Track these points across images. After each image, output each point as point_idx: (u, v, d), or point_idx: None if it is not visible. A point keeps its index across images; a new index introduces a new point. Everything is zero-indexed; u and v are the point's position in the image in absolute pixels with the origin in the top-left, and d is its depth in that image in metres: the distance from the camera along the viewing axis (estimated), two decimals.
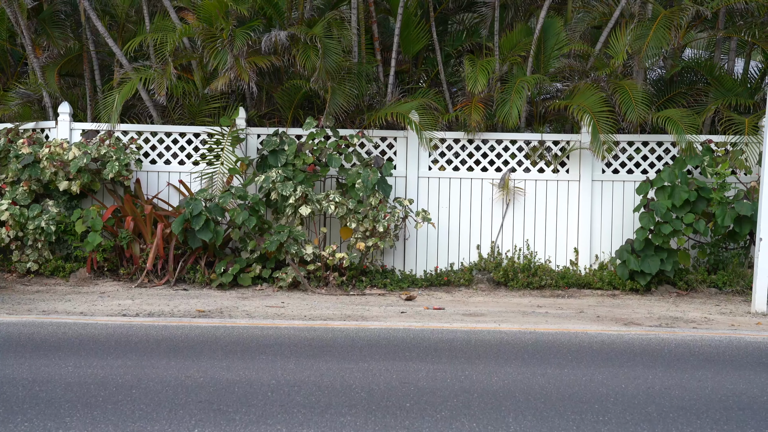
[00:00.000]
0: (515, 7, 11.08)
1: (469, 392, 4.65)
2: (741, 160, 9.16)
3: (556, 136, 9.60)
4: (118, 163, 9.01)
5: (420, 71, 11.09)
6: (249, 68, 9.06)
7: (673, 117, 9.19)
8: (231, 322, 6.73)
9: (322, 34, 9.05)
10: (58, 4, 10.54)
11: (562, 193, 9.49)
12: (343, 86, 9.40)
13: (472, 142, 9.56)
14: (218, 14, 9.11)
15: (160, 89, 9.25)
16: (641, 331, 6.64)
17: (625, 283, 9.04)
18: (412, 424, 4.09)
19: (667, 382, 4.98)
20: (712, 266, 9.33)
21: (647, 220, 8.82)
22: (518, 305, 8.32)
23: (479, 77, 9.27)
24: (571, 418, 4.22)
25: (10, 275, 9.26)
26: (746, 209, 8.61)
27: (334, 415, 4.21)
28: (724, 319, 7.60)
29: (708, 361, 5.58)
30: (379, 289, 9.08)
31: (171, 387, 4.66)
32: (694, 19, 9.79)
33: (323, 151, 9.08)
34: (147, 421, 4.05)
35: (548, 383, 4.88)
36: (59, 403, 4.33)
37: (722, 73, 10.23)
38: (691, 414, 4.33)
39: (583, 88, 9.44)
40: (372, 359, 5.43)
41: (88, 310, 7.50)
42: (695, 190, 8.86)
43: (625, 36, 9.52)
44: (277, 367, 5.15)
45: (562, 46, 10.00)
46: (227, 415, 4.16)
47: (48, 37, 10.32)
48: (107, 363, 5.20)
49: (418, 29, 10.34)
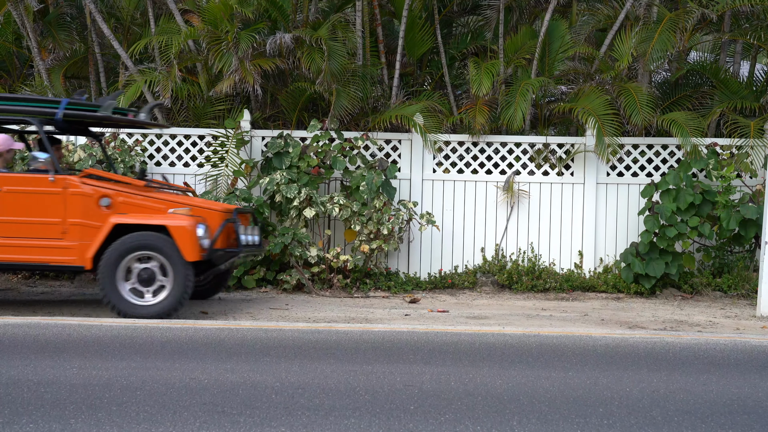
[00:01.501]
0: (520, 10, 11.08)
1: (474, 395, 4.64)
2: (746, 164, 9.14)
3: (560, 139, 9.59)
4: (123, 165, 9.04)
5: (424, 74, 11.09)
6: (254, 71, 9.08)
7: (678, 120, 9.17)
8: (235, 324, 6.74)
9: (326, 36, 9.07)
10: (64, 7, 10.58)
11: (567, 196, 9.48)
12: (348, 89, 9.41)
13: (476, 144, 9.56)
14: (223, 17, 9.13)
15: (165, 91, 9.27)
16: (646, 335, 6.63)
17: (630, 287, 9.03)
18: (416, 426, 4.09)
19: (671, 385, 4.96)
20: (717, 269, 9.31)
21: (652, 223, 8.81)
22: (522, 308, 8.31)
23: (484, 80, 9.27)
24: (576, 421, 4.22)
25: (14, 276, 9.28)
26: (751, 212, 8.59)
27: (338, 417, 4.21)
28: (729, 322, 7.58)
29: (713, 365, 5.56)
30: (383, 292, 9.08)
31: (175, 389, 4.67)
32: (700, 21, 9.78)
33: (327, 153, 9.09)
34: (151, 423, 4.06)
35: (552, 386, 4.87)
36: (64, 404, 4.34)
37: (727, 76, 10.21)
38: (695, 418, 4.32)
39: (587, 91, 9.44)
40: (376, 362, 5.42)
41: (93, 311, 7.52)
42: (700, 193, 8.84)
43: (630, 39, 9.51)
44: (281, 370, 5.15)
45: (566, 49, 10.00)
46: (231, 417, 4.17)
47: (54, 39, 10.36)
48: (112, 365, 5.21)
49: (423, 32, 10.34)
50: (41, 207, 7.07)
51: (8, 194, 7.09)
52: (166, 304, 6.93)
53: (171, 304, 6.94)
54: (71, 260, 7.06)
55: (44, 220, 7.07)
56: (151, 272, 6.98)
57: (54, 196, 7.06)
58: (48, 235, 7.06)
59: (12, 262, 7.16)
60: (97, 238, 6.98)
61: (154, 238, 6.94)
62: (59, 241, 7.05)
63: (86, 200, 7.06)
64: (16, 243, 7.07)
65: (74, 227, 7.04)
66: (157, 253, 6.92)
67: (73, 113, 7.29)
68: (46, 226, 7.07)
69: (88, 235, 7.02)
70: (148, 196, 7.25)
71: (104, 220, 7.00)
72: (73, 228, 7.04)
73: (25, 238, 7.07)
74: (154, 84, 9.44)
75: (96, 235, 6.99)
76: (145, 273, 6.97)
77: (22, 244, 7.07)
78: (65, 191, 7.06)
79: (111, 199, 7.08)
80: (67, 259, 7.06)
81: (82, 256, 7.02)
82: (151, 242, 6.93)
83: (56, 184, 7.06)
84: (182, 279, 6.92)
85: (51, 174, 7.07)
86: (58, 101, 7.35)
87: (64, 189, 7.06)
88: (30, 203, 7.08)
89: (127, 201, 7.12)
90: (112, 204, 7.08)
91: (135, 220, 7.02)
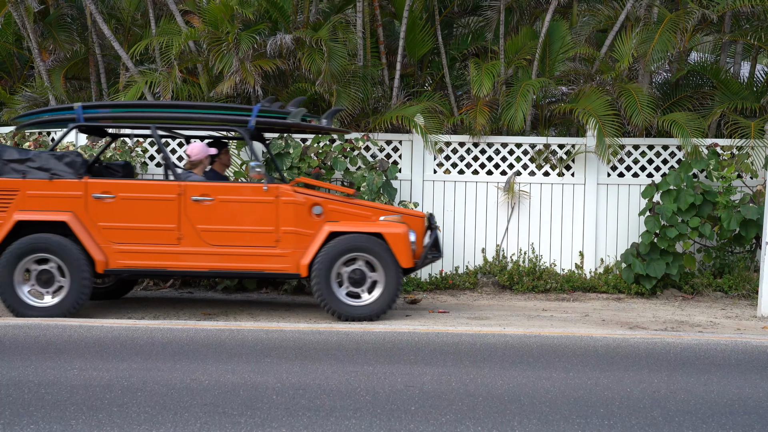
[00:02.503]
0: (520, 11, 11.08)
1: (474, 396, 4.64)
2: (747, 164, 9.14)
3: (561, 140, 9.59)
4: None
5: (425, 75, 11.09)
6: (254, 71, 9.08)
7: (679, 120, 9.17)
8: (236, 325, 6.74)
9: (327, 37, 9.07)
10: (65, 8, 10.57)
11: (567, 197, 9.48)
12: (348, 89, 9.41)
13: (477, 145, 9.56)
14: (224, 18, 9.13)
15: (165, 92, 9.27)
16: (646, 335, 6.62)
17: (631, 287, 9.03)
18: (417, 427, 4.09)
19: (672, 386, 4.96)
20: (717, 270, 9.31)
21: (653, 224, 8.81)
22: (523, 309, 8.31)
23: (484, 81, 9.27)
24: (577, 422, 4.22)
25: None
26: (752, 213, 8.59)
27: (339, 418, 4.21)
28: (730, 323, 7.58)
29: (713, 365, 5.56)
30: None
31: (176, 390, 4.67)
32: (700, 22, 9.78)
33: (328, 154, 9.10)
34: (152, 424, 4.06)
35: (553, 387, 4.87)
36: (65, 405, 4.34)
37: (728, 76, 10.21)
38: (696, 418, 4.32)
39: (588, 91, 9.44)
40: (377, 362, 5.43)
41: (93, 313, 7.52)
42: (701, 193, 8.84)
43: (631, 39, 9.51)
44: (282, 370, 5.15)
45: (567, 50, 10.00)
46: (232, 418, 4.17)
47: (54, 40, 10.35)
48: (112, 366, 5.21)
49: (423, 33, 10.34)
50: (255, 216, 7.21)
51: (222, 203, 7.21)
52: (376, 306, 7.18)
53: (381, 305, 7.18)
54: (286, 268, 7.20)
55: (258, 228, 7.20)
56: (361, 273, 7.20)
57: (267, 205, 7.19)
58: (261, 243, 7.19)
59: (227, 270, 7.29)
60: (312, 245, 7.14)
61: (367, 241, 7.14)
62: (272, 249, 7.19)
63: (299, 209, 7.21)
64: (231, 252, 7.19)
65: (287, 235, 7.19)
66: (370, 255, 7.14)
67: (264, 120, 7.45)
68: (259, 234, 7.20)
69: (301, 243, 7.18)
70: (354, 203, 7.42)
71: (317, 228, 7.19)
72: (286, 236, 7.19)
73: (239, 247, 7.19)
74: (155, 85, 9.44)
75: (310, 243, 7.15)
76: (355, 275, 7.20)
77: (237, 253, 7.18)
78: (278, 200, 7.19)
79: (322, 207, 7.24)
80: (281, 267, 7.20)
81: (296, 264, 7.17)
82: (363, 245, 7.14)
83: (269, 193, 7.19)
84: (394, 283, 7.17)
85: (265, 183, 7.19)
86: (250, 109, 7.48)
87: (276, 198, 7.19)
88: (244, 212, 7.21)
89: (336, 209, 7.29)
90: (323, 212, 7.23)
91: (351, 228, 7.20)
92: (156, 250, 7.17)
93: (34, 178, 7.19)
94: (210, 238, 7.18)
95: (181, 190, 7.20)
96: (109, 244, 7.16)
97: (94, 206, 7.17)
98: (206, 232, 7.18)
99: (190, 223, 7.17)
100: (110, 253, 7.15)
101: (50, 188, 7.18)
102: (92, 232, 7.14)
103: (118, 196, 7.18)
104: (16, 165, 7.23)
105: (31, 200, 7.16)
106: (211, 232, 7.18)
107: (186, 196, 7.19)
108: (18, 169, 7.22)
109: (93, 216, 7.16)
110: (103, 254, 7.14)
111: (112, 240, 7.16)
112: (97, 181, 7.27)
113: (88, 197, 7.18)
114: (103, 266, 7.13)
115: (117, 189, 7.22)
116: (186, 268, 7.23)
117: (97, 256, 7.09)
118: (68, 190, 7.18)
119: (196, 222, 7.17)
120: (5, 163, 7.24)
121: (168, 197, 7.19)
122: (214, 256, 7.17)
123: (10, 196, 7.17)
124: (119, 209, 7.18)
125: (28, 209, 7.14)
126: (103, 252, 7.14)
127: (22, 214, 7.10)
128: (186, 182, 7.27)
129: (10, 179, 7.20)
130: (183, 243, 7.17)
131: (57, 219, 7.09)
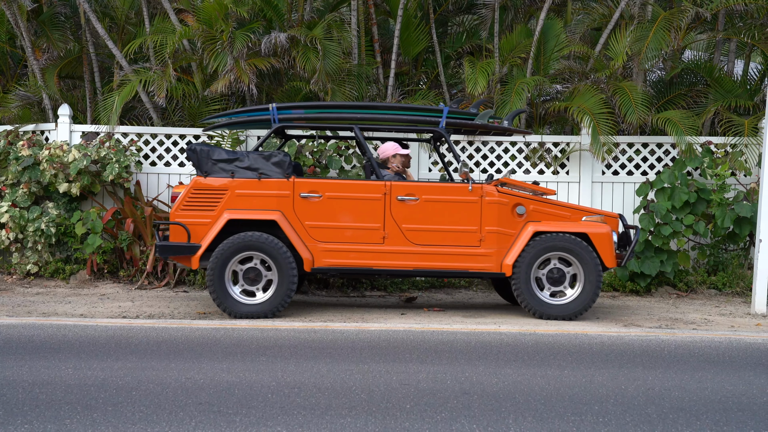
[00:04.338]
0: (515, 9, 11.09)
1: (469, 394, 4.65)
2: (741, 162, 9.17)
3: (556, 138, 9.61)
4: (118, 165, 9.02)
5: (420, 73, 11.10)
6: (249, 70, 9.07)
7: (673, 118, 9.19)
8: (231, 324, 6.73)
9: (322, 36, 9.06)
10: (58, 6, 10.54)
11: (562, 195, 9.49)
12: (343, 88, 9.41)
13: (472, 143, 9.56)
14: (218, 16, 9.12)
15: (159, 91, 9.25)
16: (641, 333, 6.64)
17: (625, 285, 9.04)
18: (412, 425, 4.09)
19: (666, 383, 4.98)
20: (711, 268, 9.34)
21: (647, 222, 8.83)
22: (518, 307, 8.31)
23: (479, 79, 9.28)
24: (571, 419, 4.23)
25: (10, 277, 9.26)
26: (746, 211, 8.62)
27: (334, 416, 4.21)
28: (724, 320, 7.60)
29: (708, 363, 5.58)
30: (380, 291, 9.08)
31: (171, 389, 4.66)
32: (694, 20, 9.81)
33: (323, 152, 9.09)
34: (147, 423, 4.05)
35: (548, 384, 4.88)
36: (59, 405, 4.33)
37: (722, 74, 10.24)
38: (690, 415, 4.33)
39: (582, 89, 9.45)
40: (372, 361, 5.43)
41: (88, 312, 7.51)
42: (695, 191, 8.87)
43: (625, 38, 9.53)
44: (277, 369, 5.15)
45: (561, 48, 10.02)
46: (227, 417, 4.17)
47: (48, 39, 10.32)
48: (107, 365, 5.20)
49: (418, 31, 10.35)
50: (459, 215, 7.24)
51: (427, 203, 7.25)
52: (575, 305, 7.23)
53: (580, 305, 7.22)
54: (489, 267, 7.24)
55: (462, 228, 7.24)
56: (560, 272, 7.26)
57: (472, 205, 7.23)
58: (465, 243, 7.23)
59: (433, 269, 7.31)
60: (516, 245, 7.20)
61: (569, 241, 7.18)
62: (476, 248, 7.23)
63: (502, 209, 7.25)
64: (434, 251, 7.23)
65: (490, 235, 7.23)
66: (571, 255, 7.18)
67: (453, 121, 7.48)
68: (463, 234, 7.23)
69: (504, 243, 7.23)
70: (553, 203, 7.43)
71: (519, 228, 7.24)
72: (489, 236, 7.23)
73: (443, 246, 7.23)
74: (149, 83, 9.42)
75: (514, 243, 7.22)
76: (553, 274, 7.26)
77: (441, 252, 7.22)
78: (482, 200, 7.23)
79: (525, 206, 7.28)
80: (485, 266, 7.24)
81: (499, 263, 7.22)
82: (563, 245, 7.18)
83: (474, 193, 7.23)
84: (594, 284, 7.19)
85: (470, 183, 7.22)
86: (440, 110, 7.51)
87: (480, 198, 7.23)
88: (448, 212, 7.24)
89: (537, 209, 7.32)
90: (526, 212, 7.27)
91: (556, 228, 7.23)
92: (361, 248, 7.19)
93: (243, 177, 7.21)
94: (414, 237, 7.22)
95: (387, 189, 7.24)
96: (315, 242, 7.18)
97: (301, 205, 7.19)
98: (410, 231, 7.22)
99: (395, 222, 7.21)
100: (316, 251, 7.17)
101: (259, 187, 7.19)
102: (299, 231, 7.18)
103: (325, 195, 7.21)
104: (225, 165, 7.24)
105: (239, 199, 7.17)
106: (415, 231, 7.22)
107: (391, 196, 7.23)
108: (226, 168, 7.23)
109: (300, 215, 7.19)
110: (310, 253, 7.17)
111: (318, 239, 7.18)
112: (304, 180, 7.30)
113: (295, 196, 7.20)
114: (309, 265, 7.16)
115: (324, 188, 7.24)
116: (390, 267, 7.24)
117: (305, 255, 7.12)
118: (277, 189, 7.19)
119: (401, 221, 7.21)
120: (214, 162, 7.25)
121: (374, 197, 7.22)
122: (417, 255, 7.21)
123: (219, 195, 7.19)
124: (325, 208, 7.20)
125: (237, 208, 7.16)
126: (309, 251, 7.17)
127: (232, 213, 7.11)
128: (391, 182, 7.29)
129: (219, 179, 7.21)
130: (387, 242, 7.20)
131: (268, 218, 7.11)
